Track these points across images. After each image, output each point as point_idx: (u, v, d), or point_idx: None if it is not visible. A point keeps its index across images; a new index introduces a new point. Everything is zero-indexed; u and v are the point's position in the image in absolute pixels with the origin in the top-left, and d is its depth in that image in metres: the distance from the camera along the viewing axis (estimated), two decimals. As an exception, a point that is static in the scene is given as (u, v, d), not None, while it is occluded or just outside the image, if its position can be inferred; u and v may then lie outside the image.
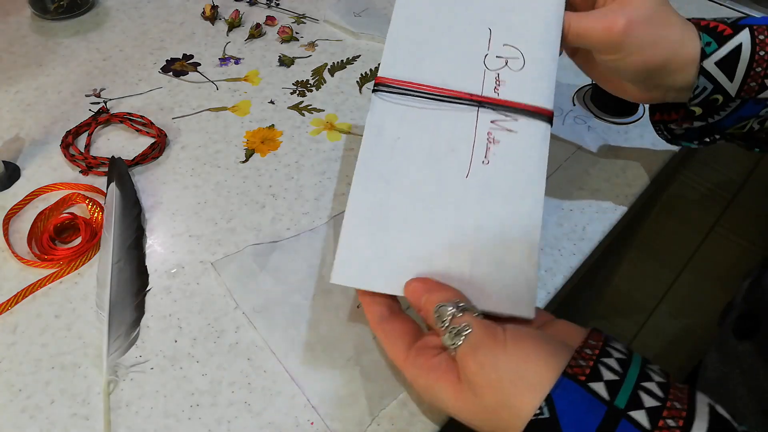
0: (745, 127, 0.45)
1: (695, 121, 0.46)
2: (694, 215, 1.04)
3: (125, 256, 0.50)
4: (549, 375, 0.30)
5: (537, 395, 0.30)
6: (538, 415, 0.29)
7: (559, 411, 0.29)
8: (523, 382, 0.30)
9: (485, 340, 0.32)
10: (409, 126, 0.41)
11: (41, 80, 0.66)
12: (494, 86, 0.42)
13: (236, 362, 0.45)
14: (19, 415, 0.42)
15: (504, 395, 0.31)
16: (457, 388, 0.33)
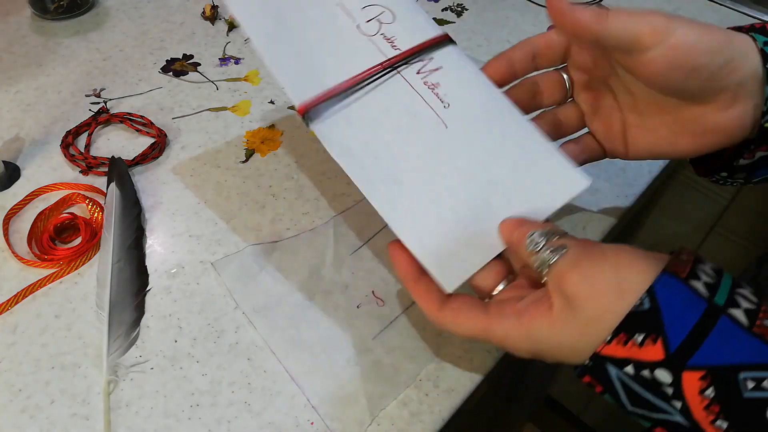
0: None
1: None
2: (694, 215, 1.04)
3: (125, 256, 0.50)
4: (649, 276, 0.30)
5: (628, 301, 0.30)
6: (638, 306, 0.30)
7: (660, 302, 0.29)
8: (625, 285, 0.31)
9: (585, 253, 0.32)
10: (361, 124, 0.41)
11: (41, 80, 0.66)
12: (390, 45, 0.43)
13: (236, 362, 0.45)
14: (19, 415, 0.42)
15: (606, 301, 0.31)
16: (552, 315, 0.32)
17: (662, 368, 0.29)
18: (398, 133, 0.41)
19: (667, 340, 0.29)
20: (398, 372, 0.45)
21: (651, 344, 0.29)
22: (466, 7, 0.79)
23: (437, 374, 0.45)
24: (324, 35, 0.43)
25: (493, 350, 0.47)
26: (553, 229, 0.35)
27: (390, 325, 0.47)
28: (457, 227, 0.38)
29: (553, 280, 0.33)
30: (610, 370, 0.31)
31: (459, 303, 0.36)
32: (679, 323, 0.29)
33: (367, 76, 0.42)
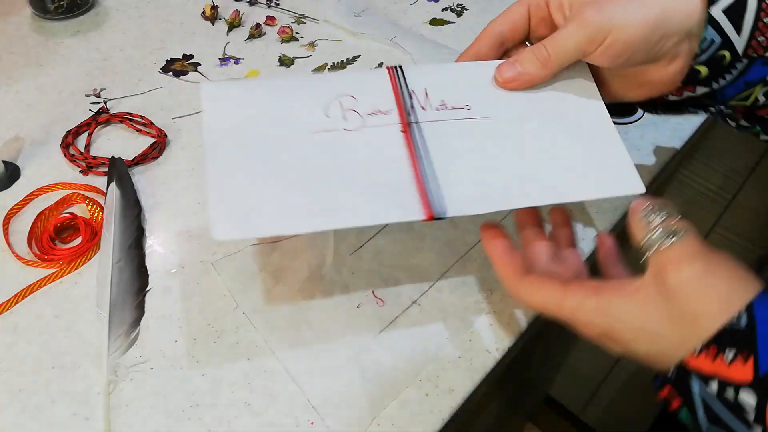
0: (749, 98, 0.42)
1: (698, 86, 0.42)
2: (694, 215, 1.04)
3: (125, 256, 0.50)
4: (748, 289, 0.30)
5: (736, 307, 0.29)
6: (735, 321, 0.29)
7: (758, 321, 0.29)
8: (737, 298, 0.30)
9: (702, 249, 0.32)
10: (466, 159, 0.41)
11: (41, 80, 0.66)
12: (381, 115, 0.41)
13: (236, 362, 0.45)
14: (19, 415, 0.42)
15: (713, 307, 0.30)
16: (640, 295, 0.32)
17: (748, 390, 0.28)
18: (475, 153, 0.41)
19: (758, 360, 0.28)
20: (398, 372, 0.45)
21: (741, 363, 0.28)
22: (466, 7, 0.79)
23: (437, 374, 0.45)
24: (346, 160, 0.39)
25: (493, 350, 0.47)
26: (671, 207, 0.34)
27: (390, 325, 0.47)
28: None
29: (657, 265, 0.32)
30: (693, 386, 0.30)
31: (538, 275, 0.37)
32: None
33: (412, 148, 0.40)
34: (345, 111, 0.40)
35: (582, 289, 0.34)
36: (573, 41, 0.39)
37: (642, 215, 0.34)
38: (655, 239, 0.32)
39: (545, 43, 0.40)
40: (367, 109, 0.41)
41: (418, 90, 0.42)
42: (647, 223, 0.33)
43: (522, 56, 0.41)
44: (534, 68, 0.41)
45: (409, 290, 0.50)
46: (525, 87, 0.42)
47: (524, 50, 0.42)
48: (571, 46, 0.39)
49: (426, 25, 0.76)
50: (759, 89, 0.41)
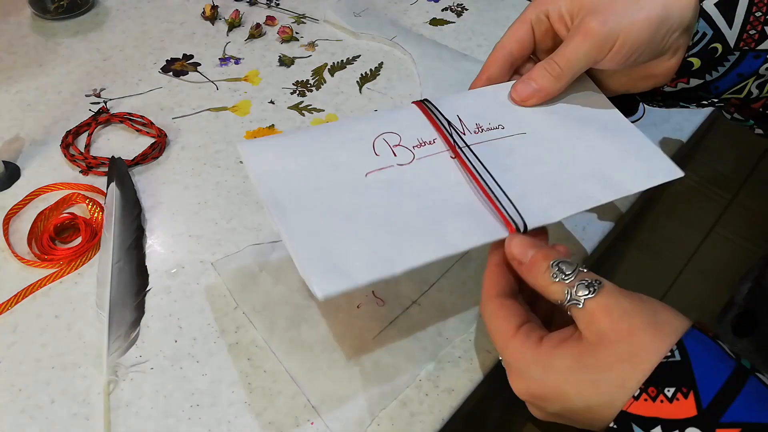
0: (743, 91, 0.43)
1: (692, 78, 0.43)
2: (694, 215, 1.04)
3: (125, 256, 0.50)
4: (679, 323, 0.30)
5: (669, 341, 0.29)
6: (668, 357, 0.29)
7: (691, 355, 0.28)
8: (657, 329, 0.30)
9: (623, 292, 0.32)
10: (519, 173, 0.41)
11: (41, 80, 0.66)
12: (428, 145, 0.41)
13: (236, 362, 0.45)
14: (19, 415, 0.42)
15: (643, 338, 0.30)
16: (578, 350, 0.31)
17: (694, 427, 0.27)
18: (526, 166, 0.41)
19: (698, 394, 0.28)
20: (398, 372, 0.45)
21: (682, 399, 0.28)
22: (466, 7, 0.79)
23: (437, 374, 0.45)
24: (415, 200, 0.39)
25: (493, 350, 0.47)
26: (571, 259, 0.34)
27: (390, 325, 0.47)
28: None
29: (584, 317, 0.32)
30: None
31: (510, 302, 0.35)
32: (710, 377, 0.28)
33: (470, 170, 0.40)
34: (392, 147, 0.40)
35: (528, 338, 0.33)
36: (582, 53, 0.40)
37: (552, 273, 0.33)
38: (579, 295, 0.32)
39: (555, 57, 0.41)
40: (412, 142, 0.41)
41: (452, 117, 0.42)
42: (562, 279, 0.33)
43: (535, 73, 0.42)
44: (548, 83, 0.42)
45: (409, 290, 0.50)
46: (542, 102, 0.43)
47: (536, 67, 0.42)
48: (581, 58, 0.40)
49: (426, 25, 0.76)
50: (752, 82, 0.42)
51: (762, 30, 0.39)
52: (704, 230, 1.31)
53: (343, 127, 0.41)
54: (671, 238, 1.32)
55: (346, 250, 0.35)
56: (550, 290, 0.33)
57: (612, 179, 0.41)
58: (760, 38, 0.39)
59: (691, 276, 1.49)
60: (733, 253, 1.36)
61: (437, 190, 0.39)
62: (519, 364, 0.33)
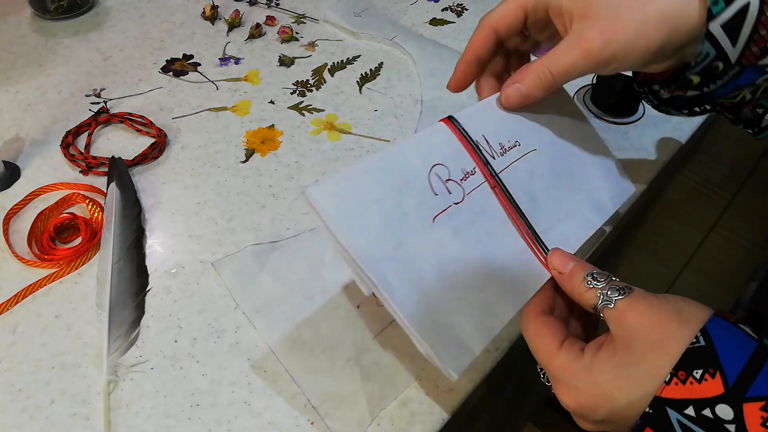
0: (737, 97, 0.43)
1: (690, 90, 0.43)
2: (694, 215, 1.04)
3: (125, 256, 0.50)
4: (702, 313, 0.33)
5: (694, 329, 0.32)
6: (694, 343, 0.31)
7: (714, 339, 0.31)
8: (686, 315, 0.32)
9: (647, 293, 0.34)
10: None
11: (41, 80, 0.66)
12: (470, 176, 0.40)
13: (236, 362, 0.45)
14: (19, 415, 0.42)
15: (669, 328, 0.32)
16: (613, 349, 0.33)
17: (723, 403, 0.29)
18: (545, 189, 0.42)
19: (724, 373, 0.30)
20: (398, 372, 0.45)
21: (710, 379, 0.30)
22: (466, 7, 0.79)
23: (437, 374, 0.45)
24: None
25: (493, 350, 0.47)
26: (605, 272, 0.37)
27: (390, 325, 0.47)
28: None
29: (616, 316, 0.34)
30: (671, 416, 0.31)
31: (551, 320, 0.37)
32: (734, 357, 0.30)
33: (508, 206, 0.40)
34: (445, 183, 0.39)
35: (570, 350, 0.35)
36: (580, 68, 0.40)
37: (588, 279, 0.36)
38: (611, 296, 0.35)
39: (550, 66, 0.40)
40: (459, 174, 0.39)
41: (479, 138, 0.41)
42: (595, 285, 0.36)
43: (527, 79, 0.41)
44: (538, 90, 0.41)
45: (409, 290, 0.49)
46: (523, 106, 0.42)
47: (528, 71, 0.41)
48: (577, 72, 0.40)
49: (426, 25, 0.76)
50: (747, 90, 0.42)
51: (765, 47, 0.38)
52: (704, 230, 1.31)
53: (395, 160, 0.38)
54: (671, 238, 1.32)
55: (456, 323, 0.36)
56: (585, 297, 0.36)
57: (599, 200, 0.43)
58: (761, 55, 0.39)
59: (691, 276, 1.49)
60: (733, 253, 1.36)
61: (491, 233, 0.39)
62: (566, 375, 0.35)
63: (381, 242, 0.35)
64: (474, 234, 0.38)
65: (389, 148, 0.38)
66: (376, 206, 0.35)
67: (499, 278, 0.38)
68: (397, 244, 0.35)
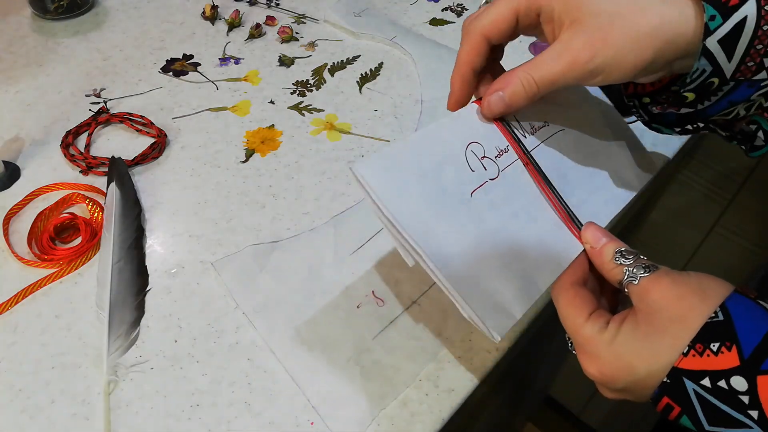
0: (730, 114, 0.42)
1: (683, 108, 0.42)
2: (694, 215, 1.04)
3: (125, 256, 0.50)
4: (723, 289, 0.34)
5: (714, 304, 0.33)
6: (713, 318, 0.32)
7: (733, 315, 0.32)
8: (709, 291, 0.34)
9: (672, 270, 0.36)
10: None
11: (41, 80, 0.66)
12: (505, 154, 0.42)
13: (236, 362, 0.45)
14: (19, 415, 0.42)
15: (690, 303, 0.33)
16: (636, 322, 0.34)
17: (738, 375, 0.30)
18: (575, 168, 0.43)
19: (740, 347, 0.31)
20: (398, 372, 0.45)
21: (726, 351, 0.31)
22: (466, 7, 0.79)
23: (437, 374, 0.45)
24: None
25: (493, 350, 0.47)
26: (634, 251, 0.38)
27: (390, 325, 0.47)
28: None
29: (639, 292, 0.35)
30: (688, 386, 0.32)
31: (583, 291, 0.38)
32: (751, 332, 0.31)
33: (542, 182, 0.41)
34: (480, 160, 0.40)
35: (596, 323, 0.36)
36: (563, 80, 0.39)
37: (617, 256, 0.37)
38: (636, 273, 0.36)
39: (534, 75, 0.39)
40: (493, 152, 0.41)
41: (511, 119, 0.42)
42: (625, 261, 0.37)
43: (510, 88, 0.40)
44: (521, 100, 0.40)
45: (409, 290, 0.50)
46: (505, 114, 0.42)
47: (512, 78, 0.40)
48: (561, 83, 0.39)
49: (426, 25, 0.76)
50: (741, 106, 0.41)
51: (760, 62, 0.37)
52: (704, 230, 1.31)
53: (434, 137, 0.39)
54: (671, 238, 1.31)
55: (498, 289, 0.37)
56: (613, 273, 0.37)
57: (626, 178, 0.44)
58: (756, 70, 0.38)
59: (691, 276, 1.48)
60: (734, 252, 1.35)
61: (526, 208, 0.40)
62: (590, 346, 0.36)
63: (423, 214, 0.37)
64: (510, 208, 0.39)
65: (428, 127, 0.39)
66: (418, 181, 0.37)
67: (535, 249, 0.39)
68: (438, 216, 0.37)
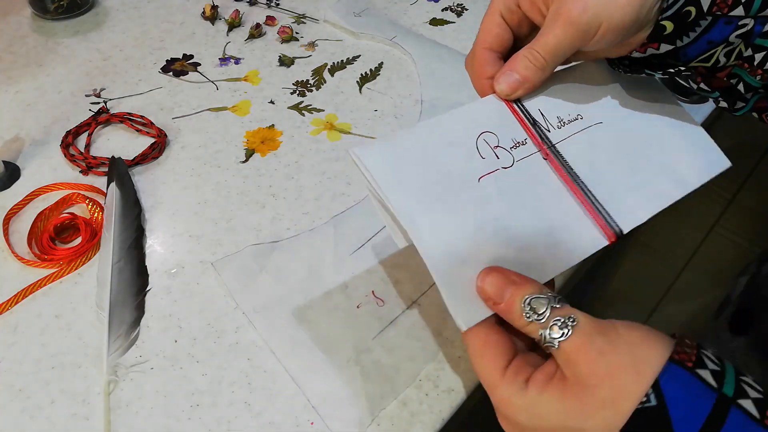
0: (710, 59, 0.41)
1: (662, 44, 0.41)
2: (694, 215, 1.04)
3: (125, 256, 0.50)
4: (658, 358, 0.29)
5: (647, 381, 0.28)
6: (644, 402, 0.28)
7: (667, 398, 0.28)
8: (642, 365, 0.29)
9: (598, 329, 0.30)
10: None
11: (41, 80, 0.66)
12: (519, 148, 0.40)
13: (236, 362, 0.45)
14: (19, 415, 0.42)
15: (623, 382, 0.29)
16: (562, 392, 0.30)
17: None
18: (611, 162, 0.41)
19: None
20: (398, 372, 0.45)
21: None
22: (466, 7, 0.79)
23: (437, 374, 0.45)
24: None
25: (493, 350, 0.47)
26: (548, 292, 0.32)
27: (390, 325, 0.47)
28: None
29: (562, 356, 0.31)
30: None
31: (495, 337, 0.33)
32: (688, 421, 0.27)
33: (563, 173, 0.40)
34: (493, 149, 0.39)
35: (514, 382, 0.32)
36: (565, 42, 0.39)
37: (527, 310, 0.32)
38: (554, 337, 0.31)
39: (536, 47, 0.39)
40: (509, 143, 0.40)
41: (535, 113, 0.41)
42: (536, 319, 0.31)
43: (518, 65, 0.40)
44: (532, 74, 0.40)
45: (409, 290, 0.50)
46: (527, 93, 0.41)
47: (517, 57, 0.40)
48: (565, 47, 0.39)
49: (426, 25, 0.76)
50: (720, 50, 0.40)
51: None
52: (704, 230, 1.31)
53: (442, 126, 0.39)
54: (671, 238, 1.32)
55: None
56: (526, 330, 0.32)
57: (680, 174, 0.42)
58: (733, 4, 0.38)
59: (692, 276, 1.49)
60: (734, 252, 1.36)
61: (541, 198, 0.39)
62: (508, 410, 0.32)
63: (419, 195, 0.36)
64: (521, 198, 0.38)
65: (438, 116, 0.39)
66: (418, 164, 0.37)
67: (542, 242, 0.37)
68: (436, 198, 0.36)
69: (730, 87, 0.42)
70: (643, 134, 0.43)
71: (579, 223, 0.38)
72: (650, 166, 0.42)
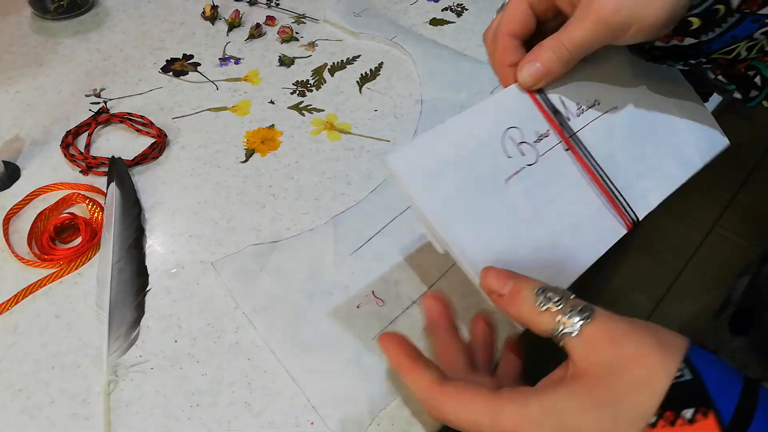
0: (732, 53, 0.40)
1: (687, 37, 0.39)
2: (694, 215, 1.04)
3: (125, 256, 0.50)
4: (681, 342, 0.28)
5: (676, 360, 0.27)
6: (678, 377, 0.27)
7: (702, 372, 0.27)
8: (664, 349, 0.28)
9: (614, 316, 0.29)
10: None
11: (41, 80, 0.66)
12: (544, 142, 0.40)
13: (236, 362, 0.45)
14: (19, 415, 0.42)
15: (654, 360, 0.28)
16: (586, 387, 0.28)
17: None
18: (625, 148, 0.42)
19: (719, 413, 0.26)
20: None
21: (702, 419, 0.26)
22: (466, 7, 0.79)
23: (437, 374, 0.45)
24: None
25: (493, 350, 0.47)
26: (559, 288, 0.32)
27: (390, 325, 0.47)
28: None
29: (583, 344, 0.29)
30: None
31: (463, 383, 0.32)
32: (725, 393, 0.27)
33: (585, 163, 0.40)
34: (518, 146, 0.39)
35: (518, 395, 0.30)
36: (594, 39, 0.38)
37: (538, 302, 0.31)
38: (570, 326, 0.29)
39: (563, 39, 0.38)
40: (532, 137, 0.39)
41: (556, 101, 0.41)
42: (548, 312, 0.30)
43: (542, 56, 0.39)
44: (556, 66, 0.39)
45: (409, 290, 0.50)
46: (547, 84, 0.40)
47: (542, 47, 0.39)
48: (593, 43, 0.38)
49: (426, 25, 0.76)
50: (743, 44, 0.40)
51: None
52: (704, 230, 1.31)
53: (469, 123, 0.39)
54: (671, 238, 1.32)
55: None
56: (537, 321, 0.31)
57: (685, 155, 0.42)
58: (764, 3, 0.36)
59: (691, 276, 1.49)
60: (733, 252, 1.36)
61: (565, 193, 0.39)
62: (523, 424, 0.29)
63: (455, 204, 0.36)
64: (547, 195, 0.38)
65: (463, 113, 0.38)
66: (451, 170, 0.37)
67: (570, 236, 0.38)
68: (470, 205, 0.36)
69: (746, 77, 0.41)
70: (654, 116, 0.43)
71: (600, 214, 0.38)
72: (660, 148, 0.42)
